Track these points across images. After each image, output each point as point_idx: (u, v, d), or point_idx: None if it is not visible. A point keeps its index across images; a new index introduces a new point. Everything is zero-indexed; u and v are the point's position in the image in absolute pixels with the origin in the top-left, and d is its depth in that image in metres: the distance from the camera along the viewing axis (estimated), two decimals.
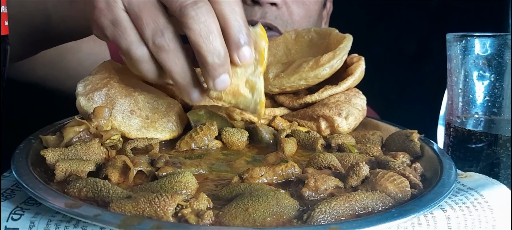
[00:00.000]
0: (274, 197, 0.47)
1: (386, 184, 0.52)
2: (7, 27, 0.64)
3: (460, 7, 1.35)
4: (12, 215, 0.47)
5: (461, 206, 0.52)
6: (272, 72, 0.79)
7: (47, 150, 0.56)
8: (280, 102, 0.82)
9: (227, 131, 0.69)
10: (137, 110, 0.68)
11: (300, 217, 0.46)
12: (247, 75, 0.61)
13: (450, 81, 0.78)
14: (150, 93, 0.72)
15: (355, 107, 0.76)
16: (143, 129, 0.67)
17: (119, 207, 0.45)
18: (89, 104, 0.66)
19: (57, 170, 0.52)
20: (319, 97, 0.78)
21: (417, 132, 0.69)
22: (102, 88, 0.67)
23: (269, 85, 0.79)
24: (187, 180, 0.50)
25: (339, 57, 0.76)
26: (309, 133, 0.71)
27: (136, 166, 0.54)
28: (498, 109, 0.73)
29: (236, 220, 0.45)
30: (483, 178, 0.59)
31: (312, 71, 0.75)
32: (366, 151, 0.65)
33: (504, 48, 0.71)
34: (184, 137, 0.68)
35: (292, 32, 0.92)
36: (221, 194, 0.51)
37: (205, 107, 0.74)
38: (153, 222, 0.42)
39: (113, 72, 0.72)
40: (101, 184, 0.48)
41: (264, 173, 0.55)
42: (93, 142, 0.58)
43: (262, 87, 0.62)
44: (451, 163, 0.60)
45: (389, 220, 0.45)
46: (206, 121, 0.71)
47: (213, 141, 0.68)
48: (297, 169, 0.57)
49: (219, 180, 0.56)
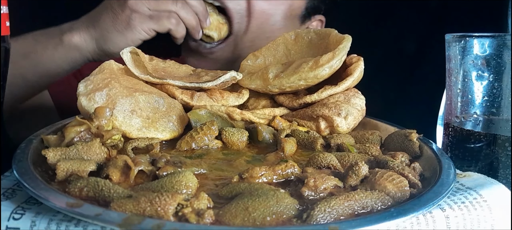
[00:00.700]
0: (274, 197, 0.47)
1: (385, 183, 0.52)
2: (8, 27, 0.64)
3: (460, 8, 1.35)
4: (13, 214, 0.48)
5: (460, 206, 0.52)
6: (272, 72, 0.80)
7: (48, 150, 0.56)
8: (280, 102, 0.82)
9: (227, 131, 0.70)
10: (138, 110, 0.68)
11: (299, 216, 0.46)
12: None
13: (449, 81, 0.78)
14: (151, 94, 0.72)
15: (354, 107, 0.76)
16: (144, 129, 0.68)
17: (120, 206, 0.45)
18: (90, 104, 0.66)
19: (58, 170, 0.52)
20: (319, 97, 0.78)
21: (416, 132, 0.69)
22: (103, 88, 0.67)
23: (269, 85, 0.79)
24: (188, 179, 0.50)
25: (338, 57, 0.76)
26: (309, 133, 0.72)
27: (137, 165, 0.55)
28: (496, 109, 0.73)
29: (236, 219, 0.45)
30: (482, 178, 0.59)
31: (312, 71, 0.76)
32: (365, 150, 0.66)
33: (503, 48, 0.71)
34: (184, 137, 0.68)
35: (292, 32, 0.92)
36: (221, 194, 0.51)
37: (206, 107, 0.74)
38: (154, 222, 0.42)
39: (114, 72, 0.73)
40: (102, 183, 0.49)
41: (264, 172, 0.55)
42: (94, 142, 0.58)
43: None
44: (450, 163, 0.60)
45: (388, 219, 0.45)
46: (206, 121, 0.71)
47: (213, 141, 0.69)
48: (296, 169, 0.57)
49: (219, 179, 0.57)
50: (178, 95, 0.76)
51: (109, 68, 0.73)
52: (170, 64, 0.85)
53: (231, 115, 0.74)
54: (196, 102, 0.76)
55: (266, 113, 0.78)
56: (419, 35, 1.43)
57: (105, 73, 0.71)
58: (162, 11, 0.97)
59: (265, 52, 0.93)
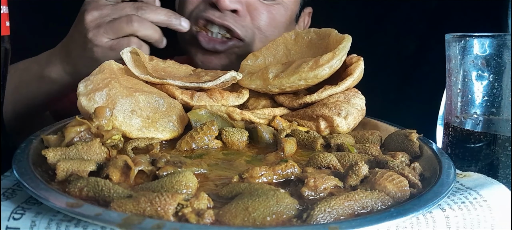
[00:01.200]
0: (274, 197, 0.47)
1: (385, 183, 0.52)
2: (8, 27, 0.64)
3: (460, 8, 1.35)
4: (13, 214, 0.48)
5: (460, 206, 0.52)
6: (272, 72, 0.80)
7: (48, 149, 0.56)
8: (280, 102, 0.82)
9: (227, 131, 0.70)
10: (138, 110, 0.68)
11: (299, 216, 0.46)
12: None
13: (449, 81, 0.78)
14: (150, 93, 0.72)
15: (354, 107, 0.76)
16: (144, 129, 0.68)
17: (120, 206, 0.45)
18: (90, 104, 0.66)
19: (58, 170, 0.52)
20: (319, 97, 0.78)
21: (416, 132, 0.69)
22: (103, 88, 0.67)
23: (269, 85, 0.79)
24: (188, 179, 0.50)
25: (338, 57, 0.76)
26: (309, 132, 0.72)
27: (137, 165, 0.55)
28: (497, 109, 0.73)
29: (236, 219, 0.45)
30: (482, 178, 0.59)
31: (312, 71, 0.76)
32: (365, 150, 0.66)
33: (503, 48, 0.71)
34: (184, 137, 0.68)
35: (292, 32, 0.92)
36: (221, 194, 0.51)
37: (206, 107, 0.74)
38: (154, 222, 0.42)
39: (114, 72, 0.73)
40: (102, 183, 0.49)
41: (264, 172, 0.55)
42: (94, 142, 0.58)
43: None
44: (450, 163, 0.60)
45: (388, 219, 0.45)
46: (206, 121, 0.71)
47: (213, 141, 0.69)
48: (296, 169, 0.57)
49: (219, 179, 0.57)
50: (178, 95, 0.76)
51: (109, 68, 0.73)
52: (170, 64, 0.85)
53: (231, 115, 0.74)
54: (196, 102, 0.76)
55: (266, 113, 0.78)
56: (419, 35, 1.43)
57: (105, 73, 0.71)
58: (121, 37, 0.93)
59: (265, 52, 0.93)
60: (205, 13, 1.01)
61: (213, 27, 1.03)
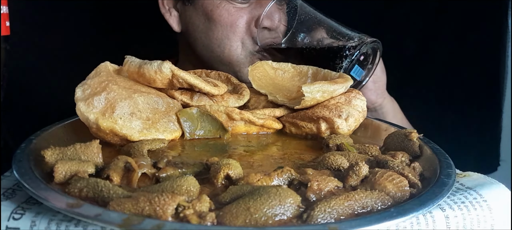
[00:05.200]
0: (276, 195, 0.47)
1: (385, 183, 0.52)
2: (8, 27, 0.64)
3: (459, 8, 1.35)
4: (13, 214, 0.48)
5: (460, 206, 0.52)
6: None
7: (47, 149, 0.55)
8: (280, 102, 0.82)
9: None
10: (137, 112, 0.68)
11: (299, 217, 0.46)
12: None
13: None
14: (149, 94, 0.72)
15: (355, 108, 0.76)
16: (145, 131, 0.67)
17: (119, 205, 0.45)
18: (89, 109, 0.65)
19: (56, 172, 0.52)
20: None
21: (416, 132, 0.69)
22: (101, 92, 0.66)
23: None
24: (189, 183, 0.50)
25: (344, 85, 0.77)
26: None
27: (140, 168, 0.54)
28: None
29: (237, 220, 0.45)
30: (482, 178, 0.59)
31: (332, 85, 0.75)
32: (365, 150, 0.66)
33: None
34: None
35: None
36: (222, 199, 0.50)
37: (198, 107, 0.73)
38: (154, 222, 0.42)
39: (111, 74, 0.71)
40: (102, 184, 0.48)
41: (260, 178, 0.54)
42: (93, 143, 0.58)
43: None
44: (450, 163, 0.60)
45: (388, 219, 0.45)
46: (196, 120, 0.71)
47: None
48: (293, 174, 0.56)
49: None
50: (178, 95, 0.76)
51: (105, 70, 0.71)
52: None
53: (230, 115, 0.74)
54: (196, 103, 0.76)
55: (266, 113, 0.78)
56: (419, 35, 1.43)
57: (102, 75, 0.69)
58: None
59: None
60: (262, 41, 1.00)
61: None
